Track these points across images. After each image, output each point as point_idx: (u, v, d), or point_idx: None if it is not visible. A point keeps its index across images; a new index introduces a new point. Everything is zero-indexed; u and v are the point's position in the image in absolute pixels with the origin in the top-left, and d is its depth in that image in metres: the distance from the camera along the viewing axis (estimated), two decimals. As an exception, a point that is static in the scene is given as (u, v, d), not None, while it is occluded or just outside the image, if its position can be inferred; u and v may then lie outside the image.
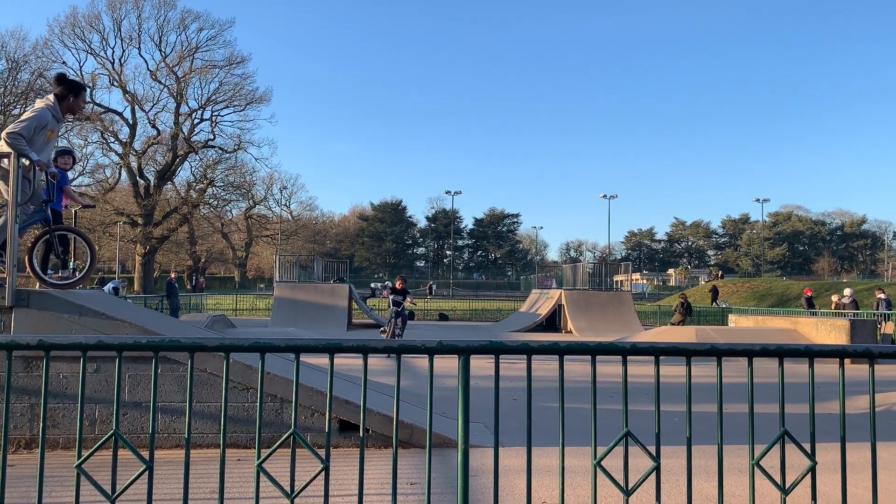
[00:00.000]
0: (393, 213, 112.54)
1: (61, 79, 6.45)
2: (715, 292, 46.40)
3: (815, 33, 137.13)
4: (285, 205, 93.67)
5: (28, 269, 6.55)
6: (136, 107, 56.38)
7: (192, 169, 61.44)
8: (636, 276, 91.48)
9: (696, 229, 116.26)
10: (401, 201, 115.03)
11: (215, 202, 64.52)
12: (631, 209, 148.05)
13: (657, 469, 3.04)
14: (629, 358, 3.15)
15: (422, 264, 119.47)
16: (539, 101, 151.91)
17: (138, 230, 55.77)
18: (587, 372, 3.18)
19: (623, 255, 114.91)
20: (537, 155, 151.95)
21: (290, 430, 2.91)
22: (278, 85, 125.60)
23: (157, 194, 56.94)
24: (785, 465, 3.11)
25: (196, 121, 58.86)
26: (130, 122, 56.62)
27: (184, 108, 57.88)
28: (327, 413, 2.91)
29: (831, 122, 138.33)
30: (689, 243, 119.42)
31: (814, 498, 3.14)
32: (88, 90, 12.08)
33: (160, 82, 56.83)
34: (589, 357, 3.13)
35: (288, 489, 2.94)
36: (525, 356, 3.13)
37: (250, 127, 78.77)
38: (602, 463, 3.01)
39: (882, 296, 24.50)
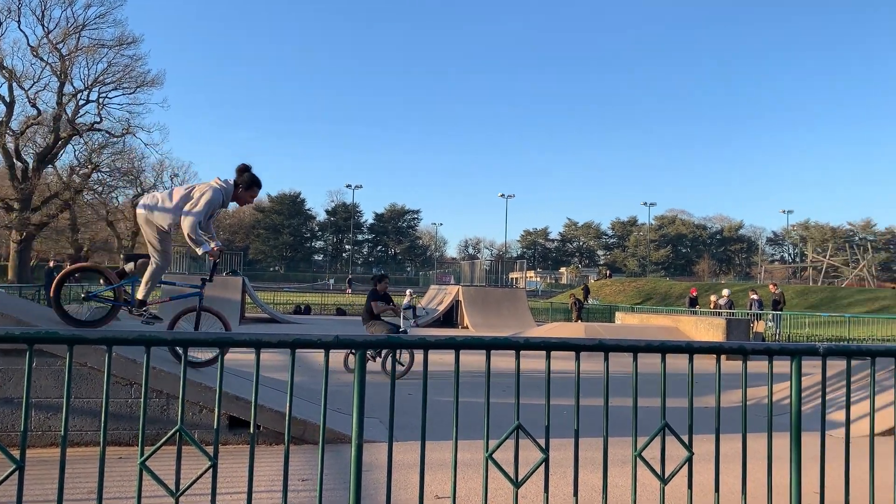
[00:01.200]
0: (291, 206, 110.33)
1: (245, 170, 6.67)
2: (586, 291, 49.53)
3: (700, 43, 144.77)
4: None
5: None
6: (14, 84, 52.51)
7: (76, 153, 57.82)
8: (530, 273, 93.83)
9: (587, 230, 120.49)
10: (299, 193, 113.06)
11: (100, 188, 61.02)
12: (527, 209, 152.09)
13: (546, 461, 3.13)
14: (522, 353, 3.23)
15: (320, 258, 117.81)
16: (442, 99, 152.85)
17: (14, 215, 51.96)
18: (483, 366, 3.23)
19: (519, 253, 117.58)
20: (439, 152, 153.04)
21: (177, 427, 2.81)
22: (173, 69, 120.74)
23: (36, 178, 53.21)
24: (665, 455, 3.28)
25: (81, 102, 55.42)
26: (7, 100, 52.71)
27: (68, 88, 54.33)
28: (216, 409, 2.82)
29: (715, 131, 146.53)
30: (581, 243, 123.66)
31: (689, 486, 3.32)
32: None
33: (42, 59, 53.14)
34: (484, 351, 3.18)
35: (173, 488, 2.83)
36: (422, 350, 3.14)
37: (140, 111, 75.17)
38: (494, 456, 3.07)
39: (755, 297, 26.23)
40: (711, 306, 27.69)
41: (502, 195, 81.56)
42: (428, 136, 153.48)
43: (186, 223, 6.26)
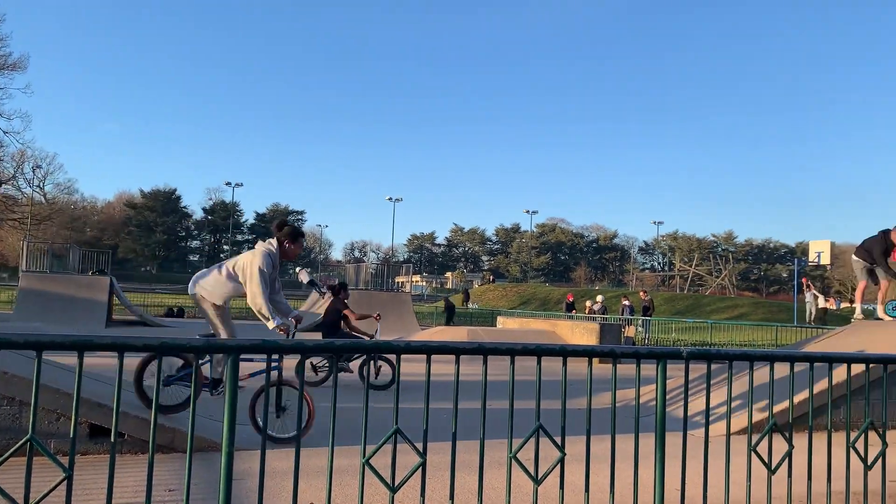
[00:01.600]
0: (165, 202, 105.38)
1: (282, 225, 6.77)
2: (467, 296, 51.39)
3: (577, 57, 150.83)
4: (38, 186, 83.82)
5: (251, 423, 6.33)
6: None
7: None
8: (416, 277, 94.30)
9: (472, 236, 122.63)
10: (174, 190, 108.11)
11: (-51, 177, 55.97)
12: (415, 213, 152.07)
13: (423, 465, 3.13)
14: (403, 357, 3.21)
15: (196, 258, 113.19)
16: (328, 98, 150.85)
17: None
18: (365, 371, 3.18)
19: (406, 257, 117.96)
20: (326, 153, 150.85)
21: (27, 436, 2.59)
22: (39, 54, 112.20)
23: None
24: (538, 457, 3.35)
25: (-74, 83, 50.73)
26: None
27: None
28: (73, 416, 2.63)
29: (593, 143, 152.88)
30: (466, 248, 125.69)
31: (561, 486, 3.41)
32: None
33: None
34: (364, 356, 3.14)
35: (22, 502, 2.60)
36: (299, 356, 3.06)
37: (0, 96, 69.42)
38: (371, 461, 3.03)
39: (626, 303, 27.56)
40: (587, 311, 28.84)
41: (390, 198, 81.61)
42: (314, 136, 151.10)
43: (253, 302, 6.34)
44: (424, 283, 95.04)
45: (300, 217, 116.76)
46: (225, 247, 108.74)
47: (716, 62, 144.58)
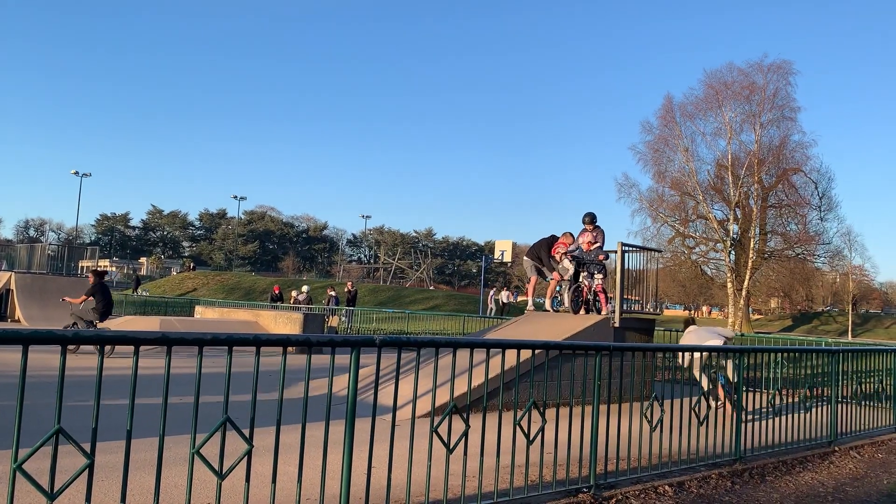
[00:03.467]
0: None
1: None
2: (137, 281, 49.98)
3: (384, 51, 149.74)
4: None
5: None
6: None
7: None
8: (105, 262, 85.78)
9: (173, 219, 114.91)
10: None
11: None
12: (106, 191, 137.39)
13: (91, 466, 2.82)
14: (33, 347, 2.85)
15: None
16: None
17: None
18: (36, 365, 2.76)
19: (93, 238, 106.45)
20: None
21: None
22: None
23: None
24: (224, 451, 3.22)
25: None
26: None
27: None
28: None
29: (305, 138, 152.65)
30: (165, 232, 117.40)
31: (247, 479, 3.32)
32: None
33: None
34: (21, 346, 2.73)
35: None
36: (-69, 347, 2.56)
37: None
38: (26, 466, 2.65)
39: (332, 294, 27.98)
40: (292, 301, 28.70)
41: (76, 172, 72.87)
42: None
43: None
44: (115, 269, 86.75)
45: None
46: None
47: (429, 69, 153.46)
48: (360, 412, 3.80)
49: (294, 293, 29.79)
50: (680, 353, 7.80)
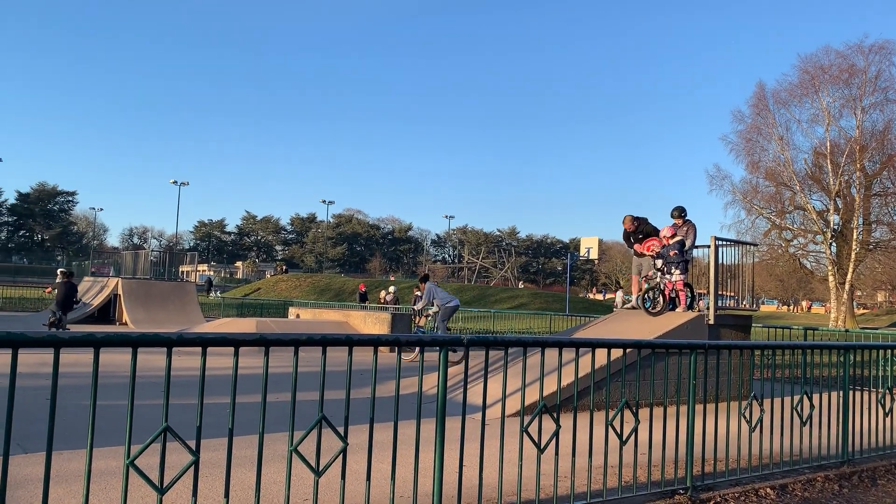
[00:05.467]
0: None
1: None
2: (209, 284, 52.38)
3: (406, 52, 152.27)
4: None
5: None
6: None
7: None
8: (203, 266, 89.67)
9: (266, 224, 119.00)
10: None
11: None
12: (203, 199, 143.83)
13: (196, 463, 2.95)
14: (177, 349, 3.00)
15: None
16: (110, 70, 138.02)
17: None
18: (144, 366, 2.92)
19: (192, 245, 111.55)
20: (101, 129, 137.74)
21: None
22: None
23: None
24: (321, 448, 3.30)
25: None
26: None
27: None
28: None
29: (390, 138, 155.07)
30: (259, 237, 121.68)
31: (343, 476, 3.40)
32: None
33: None
34: (130, 349, 2.88)
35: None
36: (52, 349, 2.74)
37: None
38: (137, 462, 2.80)
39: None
40: (380, 302, 29.21)
41: (175, 182, 76.51)
42: (86, 111, 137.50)
43: None
44: (213, 273, 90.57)
45: (70, 198, 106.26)
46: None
47: (504, 67, 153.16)
48: (449, 411, 3.82)
49: (382, 293, 30.32)
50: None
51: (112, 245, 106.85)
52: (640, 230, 11.71)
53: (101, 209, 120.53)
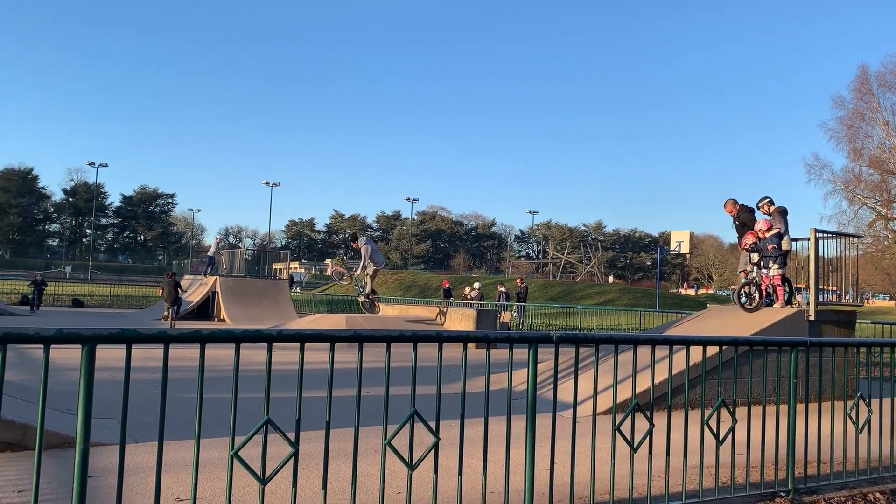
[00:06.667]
0: (20, 183, 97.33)
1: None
2: (291, 281, 53.86)
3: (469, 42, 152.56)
4: None
5: None
6: None
7: None
8: (294, 264, 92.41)
9: (353, 222, 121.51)
10: (31, 169, 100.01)
11: None
12: (293, 198, 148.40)
13: (296, 455, 3.06)
14: (276, 345, 3.12)
15: (55, 243, 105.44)
16: (200, 76, 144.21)
17: None
18: (244, 360, 3.06)
19: (283, 243, 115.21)
20: (198, 134, 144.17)
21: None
22: None
23: None
24: (413, 442, 3.37)
25: None
26: None
27: None
28: None
29: (472, 134, 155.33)
30: (347, 235, 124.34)
31: (435, 471, 3.45)
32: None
33: None
34: (234, 345, 3.02)
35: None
36: (162, 345, 2.90)
37: None
38: (241, 453, 2.93)
39: (503, 290, 28.27)
40: (465, 298, 29.33)
41: (267, 183, 79.21)
42: (184, 116, 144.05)
43: None
44: (303, 270, 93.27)
45: (170, 200, 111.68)
46: (87, 231, 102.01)
47: (588, 59, 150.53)
48: (539, 408, 3.81)
49: (466, 289, 30.42)
50: None
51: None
52: (737, 217, 11.27)
53: (199, 210, 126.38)
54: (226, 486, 2.98)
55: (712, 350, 5.18)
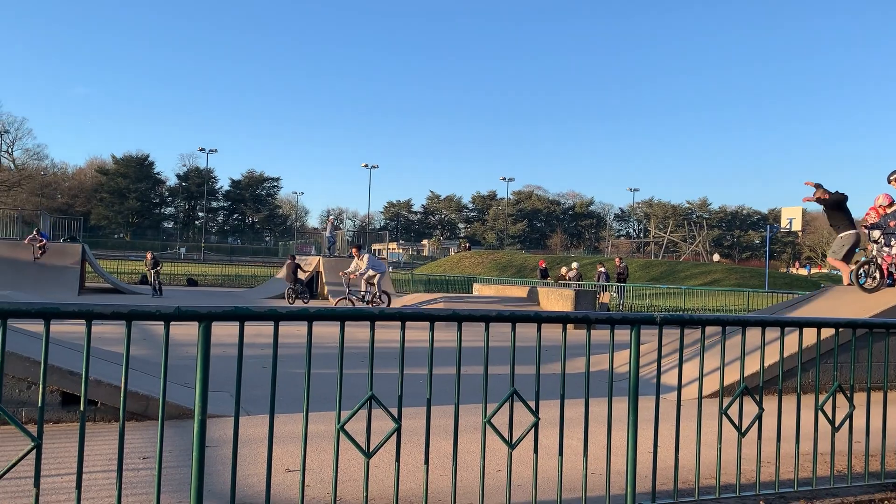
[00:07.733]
0: (138, 169, 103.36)
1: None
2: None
3: (568, 21, 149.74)
4: (7, 152, 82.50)
5: None
6: None
7: None
8: (393, 245, 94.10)
9: (449, 203, 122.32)
10: (147, 156, 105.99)
11: None
12: (391, 180, 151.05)
13: (398, 430, 3.14)
14: (378, 323, 3.19)
15: (170, 225, 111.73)
16: (304, 67, 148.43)
17: None
18: (347, 337, 3.16)
19: (382, 224, 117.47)
20: (300, 119, 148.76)
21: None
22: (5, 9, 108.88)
23: None
24: (513, 421, 3.38)
25: None
26: None
27: None
28: (41, 385, 2.59)
29: (569, 111, 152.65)
30: (443, 216, 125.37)
31: (535, 451, 3.45)
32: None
33: None
34: (339, 323, 3.12)
35: (-12, 473, 2.57)
36: (272, 322, 3.03)
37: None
38: (346, 427, 3.03)
39: (602, 270, 27.78)
40: (563, 277, 29.03)
41: (366, 165, 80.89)
42: (289, 103, 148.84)
43: None
44: (401, 251, 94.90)
45: (276, 184, 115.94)
46: (199, 213, 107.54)
47: (686, 31, 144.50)
48: (641, 390, 3.74)
49: (563, 269, 30.10)
50: None
51: (312, 226, 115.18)
52: (825, 202, 10.43)
53: (303, 193, 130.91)
54: (332, 458, 3.09)
55: (827, 332, 4.90)
